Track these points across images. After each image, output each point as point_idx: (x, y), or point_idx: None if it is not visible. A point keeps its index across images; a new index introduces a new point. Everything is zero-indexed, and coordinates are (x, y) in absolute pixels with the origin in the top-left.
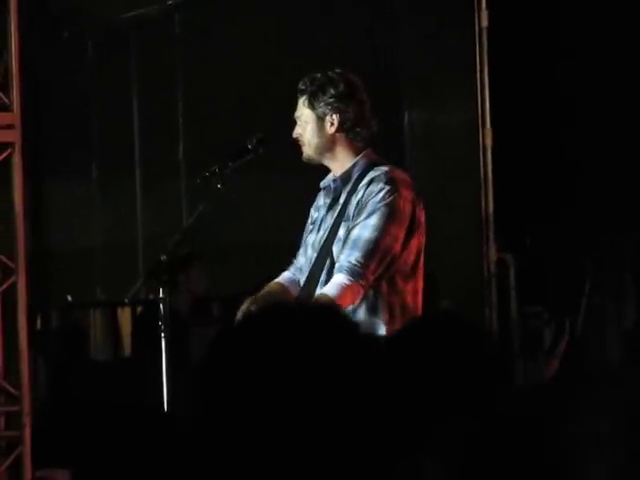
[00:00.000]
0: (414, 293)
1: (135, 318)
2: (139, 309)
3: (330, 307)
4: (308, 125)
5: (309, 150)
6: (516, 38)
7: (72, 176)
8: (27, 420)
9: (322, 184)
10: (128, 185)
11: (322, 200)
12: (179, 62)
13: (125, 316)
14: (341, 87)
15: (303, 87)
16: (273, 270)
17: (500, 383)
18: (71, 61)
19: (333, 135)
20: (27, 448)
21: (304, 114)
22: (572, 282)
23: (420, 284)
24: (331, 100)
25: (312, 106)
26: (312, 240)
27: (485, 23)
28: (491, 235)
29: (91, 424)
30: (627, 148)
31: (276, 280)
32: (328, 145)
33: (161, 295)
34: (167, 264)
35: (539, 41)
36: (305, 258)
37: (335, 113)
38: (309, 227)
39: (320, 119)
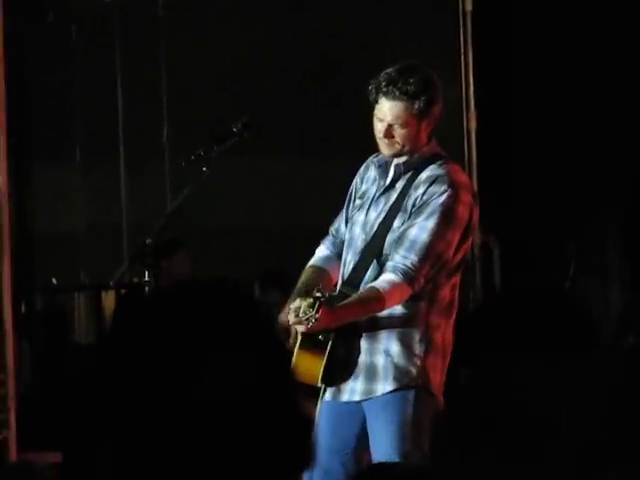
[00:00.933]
0: (453, 288)
1: (119, 301)
2: (124, 292)
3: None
4: (408, 130)
5: (403, 150)
6: (500, 22)
7: (56, 159)
8: (12, 404)
9: (377, 160)
10: (112, 168)
11: (373, 174)
12: (163, 45)
13: (109, 299)
14: (440, 94)
15: (405, 96)
16: (259, 254)
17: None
18: (55, 44)
19: (426, 134)
20: (12, 432)
21: (406, 121)
22: (556, 264)
23: (458, 279)
24: (434, 105)
25: (420, 113)
26: (361, 220)
27: (469, 7)
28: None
29: (75, 406)
30: (611, 129)
31: (311, 263)
32: (420, 144)
33: (146, 278)
34: (152, 247)
35: (523, 25)
36: (349, 234)
37: (434, 116)
38: (356, 201)
39: (420, 122)
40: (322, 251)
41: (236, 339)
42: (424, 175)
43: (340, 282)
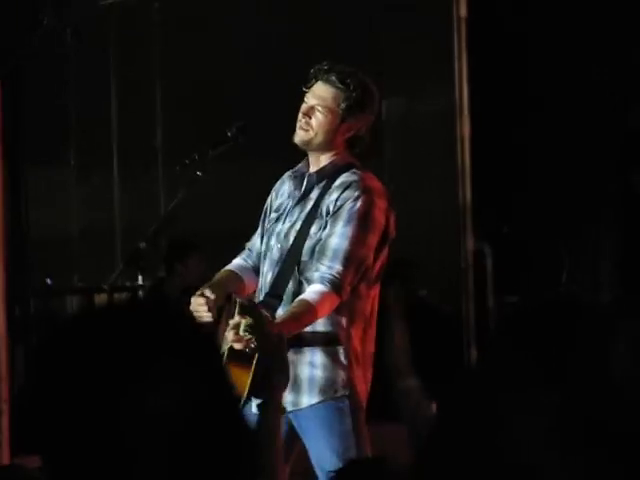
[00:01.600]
0: (374, 298)
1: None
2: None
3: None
4: (327, 118)
5: (313, 139)
6: (494, 28)
7: (50, 163)
8: (5, 407)
9: (292, 172)
10: (106, 172)
11: (287, 187)
12: (157, 49)
13: (102, 303)
14: (375, 103)
15: (341, 84)
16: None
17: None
18: (50, 48)
19: (342, 139)
20: (5, 435)
21: (330, 108)
22: (549, 272)
23: (378, 291)
24: (363, 111)
25: (347, 108)
26: (277, 230)
27: (464, 13)
28: (468, 225)
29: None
30: (606, 138)
31: (226, 267)
32: (333, 145)
33: (140, 282)
34: (147, 251)
35: (517, 31)
36: (265, 247)
37: (358, 124)
38: (272, 215)
39: (342, 121)
40: (237, 260)
41: (176, 354)
42: (337, 182)
43: (262, 293)
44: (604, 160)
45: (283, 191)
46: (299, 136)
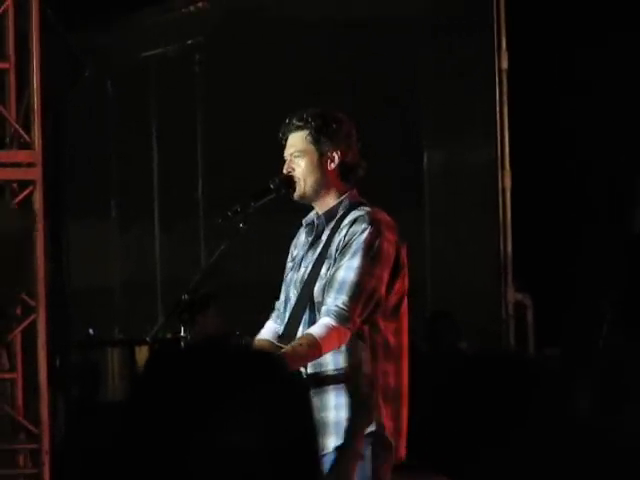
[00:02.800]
0: (397, 333)
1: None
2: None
3: (265, 353)
4: (305, 161)
5: (305, 187)
6: (536, 80)
7: (92, 215)
8: (46, 458)
9: (305, 221)
10: (147, 224)
11: (303, 237)
12: (198, 100)
13: (143, 355)
14: (345, 126)
15: (301, 123)
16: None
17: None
18: (91, 100)
19: (331, 172)
20: None
21: (302, 149)
22: (590, 324)
23: (405, 324)
24: (335, 137)
25: (315, 141)
26: (294, 279)
27: (505, 65)
28: (509, 276)
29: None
30: None
31: (262, 336)
32: (325, 182)
33: (182, 334)
34: (188, 303)
35: (558, 83)
36: (285, 296)
37: (337, 150)
38: (289, 265)
39: (321, 155)
40: (268, 324)
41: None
42: (346, 220)
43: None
44: None
45: (299, 242)
46: (295, 194)
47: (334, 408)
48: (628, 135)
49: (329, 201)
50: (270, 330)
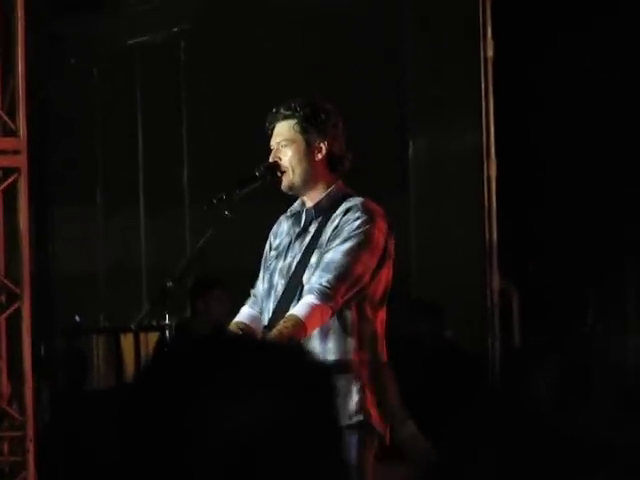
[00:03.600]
0: (381, 322)
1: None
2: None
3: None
4: (293, 150)
5: (293, 177)
6: (521, 68)
7: (77, 201)
8: (30, 445)
9: (290, 211)
10: (132, 211)
11: (286, 227)
12: (184, 88)
13: (128, 342)
14: (332, 116)
15: (289, 112)
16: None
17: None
18: (77, 87)
19: (319, 162)
20: (30, 473)
21: (290, 138)
22: (575, 311)
23: (385, 314)
24: (322, 127)
25: (303, 130)
26: (279, 266)
27: (490, 53)
28: (494, 264)
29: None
30: (633, 178)
31: (237, 320)
32: (313, 172)
33: (167, 321)
34: (175, 290)
35: (544, 71)
36: (268, 285)
37: (325, 140)
38: (271, 254)
39: (309, 145)
40: (244, 309)
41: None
42: (338, 210)
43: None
44: (631, 200)
45: (281, 231)
46: (282, 184)
47: None
48: (615, 123)
49: (317, 192)
50: (245, 313)
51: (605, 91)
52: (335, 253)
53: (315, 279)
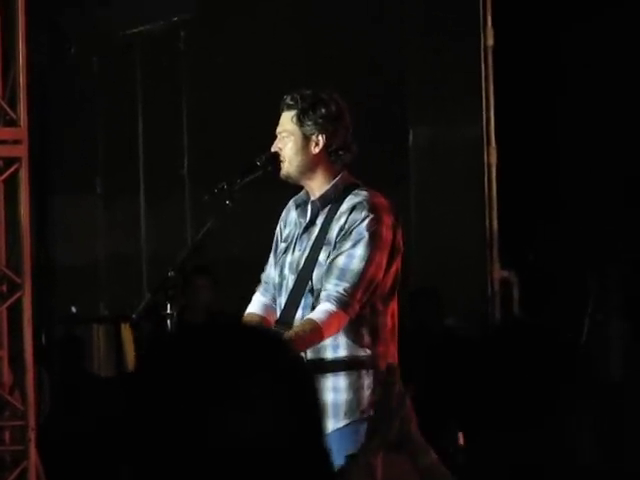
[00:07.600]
0: (392, 315)
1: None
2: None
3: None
4: (291, 142)
5: (289, 168)
6: (521, 57)
7: (77, 191)
8: (32, 435)
9: (295, 200)
10: (132, 200)
11: (293, 216)
12: (184, 78)
13: (128, 331)
14: (332, 109)
15: (292, 102)
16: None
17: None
18: (77, 77)
19: (316, 155)
20: (32, 462)
21: (289, 130)
22: (575, 300)
23: (396, 306)
24: (321, 120)
25: (300, 123)
26: (288, 261)
27: (491, 41)
28: (495, 253)
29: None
30: (634, 166)
31: (248, 311)
32: (310, 165)
33: (168, 311)
34: (175, 278)
35: (544, 59)
36: (280, 278)
37: (322, 134)
38: (281, 245)
39: (306, 138)
40: (257, 298)
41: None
42: (344, 206)
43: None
44: (632, 188)
45: (290, 220)
46: (282, 172)
47: (332, 390)
48: (615, 110)
49: (320, 184)
50: (259, 303)
51: (606, 79)
52: (349, 258)
53: (331, 286)
